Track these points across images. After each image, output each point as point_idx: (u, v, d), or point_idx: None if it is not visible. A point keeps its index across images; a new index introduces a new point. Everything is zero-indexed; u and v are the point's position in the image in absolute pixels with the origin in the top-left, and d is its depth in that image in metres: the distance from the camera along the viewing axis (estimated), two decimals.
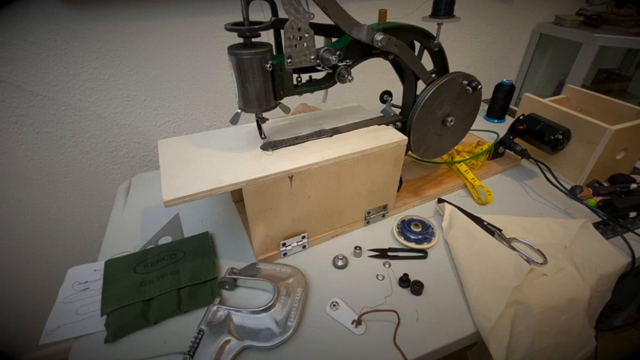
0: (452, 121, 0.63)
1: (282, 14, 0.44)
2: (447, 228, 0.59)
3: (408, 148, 0.62)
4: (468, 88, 0.60)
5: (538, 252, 0.54)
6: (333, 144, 0.54)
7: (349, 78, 0.51)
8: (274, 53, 0.47)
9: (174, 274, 0.51)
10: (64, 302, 0.49)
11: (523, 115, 0.75)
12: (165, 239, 0.60)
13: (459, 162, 0.74)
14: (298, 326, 0.45)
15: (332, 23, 0.47)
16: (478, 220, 0.60)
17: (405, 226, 0.60)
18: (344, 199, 0.56)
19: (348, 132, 0.57)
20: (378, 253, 0.57)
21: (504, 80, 0.96)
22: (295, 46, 0.45)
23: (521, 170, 0.79)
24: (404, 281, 0.51)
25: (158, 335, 0.45)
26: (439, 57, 0.61)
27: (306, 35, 0.45)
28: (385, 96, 0.66)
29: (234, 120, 0.49)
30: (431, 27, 0.57)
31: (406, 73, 0.59)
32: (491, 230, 0.58)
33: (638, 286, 0.98)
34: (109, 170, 0.93)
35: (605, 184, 0.72)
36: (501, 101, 0.99)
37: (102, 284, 0.50)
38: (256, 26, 0.42)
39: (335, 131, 0.57)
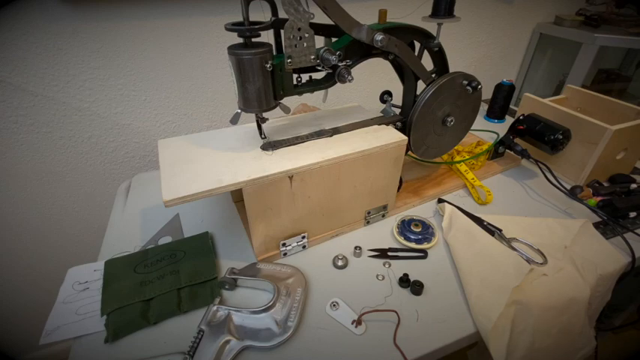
0: (452, 121, 0.63)
1: (282, 14, 0.44)
2: (447, 228, 0.59)
3: (408, 148, 0.62)
4: (468, 88, 0.60)
5: (538, 252, 0.54)
6: (333, 144, 0.54)
7: (349, 78, 0.51)
8: (274, 53, 0.47)
9: (174, 274, 0.51)
10: (64, 302, 0.49)
11: (523, 115, 0.75)
12: (166, 239, 0.60)
13: (459, 162, 0.74)
14: (298, 326, 0.45)
15: (332, 23, 0.47)
16: (478, 220, 0.60)
17: (405, 226, 0.60)
18: (344, 199, 0.56)
19: (348, 132, 0.57)
20: (378, 253, 0.57)
21: (504, 80, 0.96)
22: (295, 46, 0.45)
23: (521, 170, 0.79)
24: (404, 281, 0.51)
25: (158, 335, 0.45)
26: (439, 57, 0.61)
27: (306, 35, 0.45)
28: (385, 96, 0.66)
29: (234, 120, 0.49)
30: (431, 27, 0.57)
31: (406, 73, 0.59)
32: (491, 230, 0.58)
33: (638, 286, 0.98)
34: (109, 170, 0.93)
35: (605, 184, 0.72)
36: (501, 101, 0.99)
37: (102, 284, 0.50)
38: (256, 26, 0.42)
39: (335, 131, 0.57)
